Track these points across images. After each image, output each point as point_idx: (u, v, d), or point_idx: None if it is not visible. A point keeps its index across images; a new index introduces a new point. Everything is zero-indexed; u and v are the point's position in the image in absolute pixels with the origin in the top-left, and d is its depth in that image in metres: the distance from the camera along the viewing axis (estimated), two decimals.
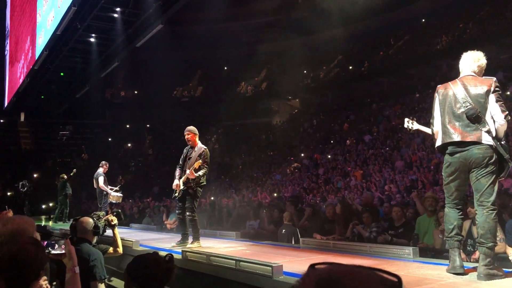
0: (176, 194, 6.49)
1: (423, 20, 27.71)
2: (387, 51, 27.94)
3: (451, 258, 3.72)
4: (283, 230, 7.44)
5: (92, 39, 15.10)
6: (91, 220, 4.19)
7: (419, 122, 4.80)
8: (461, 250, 3.81)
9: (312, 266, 0.94)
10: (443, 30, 24.90)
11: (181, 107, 32.78)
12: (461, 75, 3.94)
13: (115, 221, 4.66)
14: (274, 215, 8.67)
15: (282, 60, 32.23)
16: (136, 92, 34.17)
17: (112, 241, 4.70)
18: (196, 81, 35.31)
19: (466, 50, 4.09)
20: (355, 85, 28.70)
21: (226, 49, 31.04)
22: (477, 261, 4.24)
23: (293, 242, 7.17)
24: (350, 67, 29.47)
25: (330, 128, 24.40)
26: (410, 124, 4.77)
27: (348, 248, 5.48)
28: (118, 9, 12.77)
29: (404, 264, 4.42)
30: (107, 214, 5.03)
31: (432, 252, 5.38)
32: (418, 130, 4.79)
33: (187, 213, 6.38)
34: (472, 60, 3.91)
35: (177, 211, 6.69)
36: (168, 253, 2.38)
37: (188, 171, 6.25)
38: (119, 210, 5.05)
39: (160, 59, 27.89)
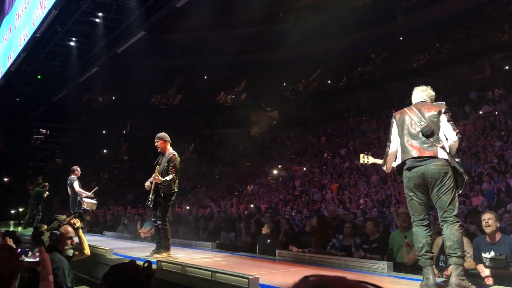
0: (148, 203, 6.42)
1: (401, 38, 28.35)
2: (365, 67, 28.46)
3: (425, 275, 3.81)
4: (268, 240, 7.45)
5: (72, 43, 14.86)
6: (69, 228, 4.14)
7: None
8: (433, 267, 3.90)
9: (305, 278, 1.00)
10: (420, 49, 25.51)
11: (159, 115, 32.55)
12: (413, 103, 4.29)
13: (78, 223, 4.59)
14: (251, 227, 8.67)
15: (262, 71, 32.48)
16: (113, 98, 33.81)
17: (78, 244, 4.62)
18: (175, 89, 35.19)
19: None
20: (333, 99, 29.07)
21: (206, 58, 31.14)
22: (449, 277, 4.35)
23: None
24: (329, 81, 29.87)
25: (308, 141, 24.60)
26: (366, 158, 5.00)
27: (324, 261, 5.53)
28: (100, 14, 12.64)
29: (379, 279, 4.48)
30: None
31: (405, 267, 5.46)
32: (374, 164, 5.01)
33: (158, 222, 6.32)
34: (420, 91, 4.31)
35: (152, 219, 6.62)
36: (146, 261, 2.35)
37: (153, 176, 6.24)
38: (82, 211, 4.97)
39: (140, 65, 27.70)
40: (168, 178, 6.21)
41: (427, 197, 3.90)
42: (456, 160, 3.92)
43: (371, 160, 4.98)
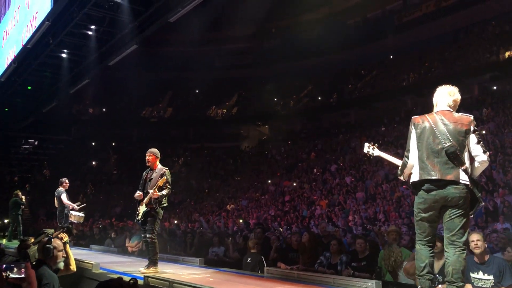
0: (139, 218, 6.35)
1: (391, 56, 28.72)
2: (355, 84, 28.73)
3: None
4: (249, 259, 7.38)
5: (63, 55, 14.82)
6: (58, 241, 4.07)
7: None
8: None
9: None
10: (409, 67, 25.85)
11: (149, 128, 32.48)
12: (436, 109, 3.92)
13: (65, 238, 4.52)
14: (239, 243, 8.61)
15: (254, 86, 32.63)
16: (104, 109, 33.65)
17: (64, 259, 4.55)
18: (166, 102, 35.16)
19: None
20: (323, 115, 29.29)
21: (198, 72, 31.18)
22: None
23: (258, 271, 7.12)
24: (319, 98, 30.08)
25: (298, 156, 24.64)
26: (371, 149, 4.61)
27: (312, 279, 5.49)
28: (93, 26, 12.63)
29: None
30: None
31: (394, 286, 5.45)
32: (379, 157, 4.60)
33: (147, 235, 6.23)
34: (448, 94, 3.90)
35: (142, 234, 6.55)
36: (132, 278, 2.35)
37: (151, 191, 6.16)
38: (70, 226, 4.88)
39: (131, 78, 27.70)
40: (164, 193, 6.21)
41: (438, 218, 3.74)
42: (476, 179, 3.75)
43: (376, 152, 4.56)
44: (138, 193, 6.35)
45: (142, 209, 6.30)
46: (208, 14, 23.60)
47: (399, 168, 4.04)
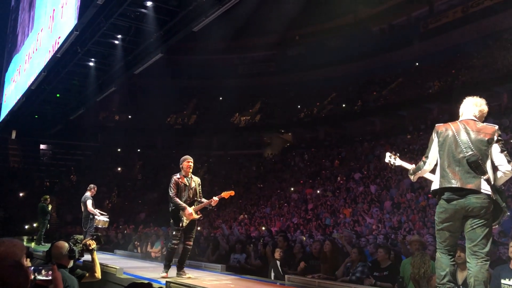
0: (184, 224, 6.29)
1: (417, 63, 28.37)
2: (380, 91, 28.47)
3: None
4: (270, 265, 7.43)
5: (91, 63, 15.26)
6: (66, 244, 4.11)
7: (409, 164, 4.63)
8: None
9: None
10: (435, 75, 25.46)
11: (174, 134, 32.85)
12: (461, 118, 3.91)
13: (93, 245, 4.57)
14: (260, 250, 8.61)
15: (277, 94, 32.68)
16: (130, 116, 34.25)
17: (91, 266, 4.63)
18: (191, 110, 35.58)
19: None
20: (347, 123, 29.07)
21: (222, 79, 31.49)
22: None
23: (272, 278, 7.13)
24: (344, 105, 29.91)
25: (321, 164, 24.50)
26: (392, 159, 4.51)
27: None
28: (119, 36, 12.98)
29: None
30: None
31: None
32: (400, 167, 4.50)
33: (188, 242, 6.32)
34: (473, 105, 3.89)
35: (174, 241, 6.34)
36: (161, 285, 2.42)
37: (214, 199, 6.39)
38: (99, 234, 4.96)
39: (156, 85, 28.19)
40: None
41: (460, 228, 3.69)
42: (503, 188, 3.69)
43: (398, 162, 4.47)
44: (189, 212, 6.27)
45: (190, 216, 6.28)
46: (232, 22, 23.84)
47: (413, 169, 4.06)
